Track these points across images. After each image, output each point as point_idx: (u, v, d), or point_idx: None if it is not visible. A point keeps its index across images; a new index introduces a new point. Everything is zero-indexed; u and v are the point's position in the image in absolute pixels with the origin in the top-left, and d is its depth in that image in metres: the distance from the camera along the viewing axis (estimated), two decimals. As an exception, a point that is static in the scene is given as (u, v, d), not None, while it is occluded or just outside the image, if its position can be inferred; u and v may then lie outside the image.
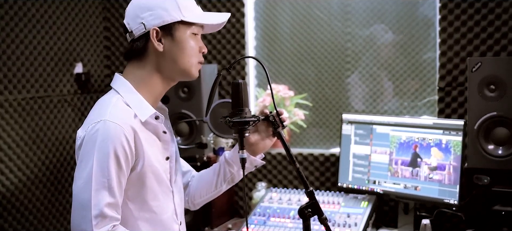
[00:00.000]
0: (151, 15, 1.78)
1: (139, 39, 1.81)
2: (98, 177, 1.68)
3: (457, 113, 2.86)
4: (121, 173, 1.72)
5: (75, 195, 1.71)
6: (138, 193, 1.81)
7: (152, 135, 1.85)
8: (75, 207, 1.71)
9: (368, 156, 2.84)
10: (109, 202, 1.69)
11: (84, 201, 1.68)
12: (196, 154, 2.97)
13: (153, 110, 1.83)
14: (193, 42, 1.85)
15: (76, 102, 3.22)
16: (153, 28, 1.79)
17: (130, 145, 1.73)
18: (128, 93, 1.81)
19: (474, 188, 2.46)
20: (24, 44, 2.88)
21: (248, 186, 3.26)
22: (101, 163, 1.69)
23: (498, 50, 2.74)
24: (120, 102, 1.79)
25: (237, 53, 3.27)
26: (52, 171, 3.06)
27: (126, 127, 1.73)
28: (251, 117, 1.79)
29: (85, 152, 1.72)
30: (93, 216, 1.66)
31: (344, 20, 3.29)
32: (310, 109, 3.35)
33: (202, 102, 2.96)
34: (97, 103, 1.84)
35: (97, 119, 1.73)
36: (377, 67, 3.23)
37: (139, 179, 1.79)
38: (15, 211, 2.84)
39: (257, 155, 2.01)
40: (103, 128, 1.70)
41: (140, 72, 1.84)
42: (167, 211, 1.90)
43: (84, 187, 1.69)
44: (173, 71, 1.85)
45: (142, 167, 1.78)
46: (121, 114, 1.75)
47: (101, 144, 1.69)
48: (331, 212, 2.69)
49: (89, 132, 1.72)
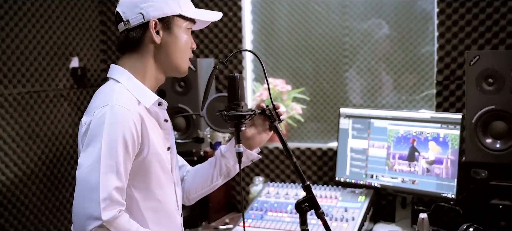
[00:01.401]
0: (151, 6, 1.78)
1: (135, 29, 1.80)
2: (107, 160, 1.65)
3: (455, 107, 2.85)
4: (128, 158, 1.70)
5: (82, 178, 1.65)
6: (143, 181, 1.79)
7: (155, 122, 1.84)
8: (80, 191, 1.65)
9: (366, 150, 2.83)
10: (117, 186, 1.66)
11: (92, 184, 1.63)
12: (193, 149, 2.96)
13: (156, 96, 1.83)
14: (187, 37, 1.87)
15: (72, 97, 3.21)
16: (153, 20, 1.79)
17: (137, 130, 1.72)
18: (128, 81, 1.80)
19: (472, 182, 2.46)
20: (19, 39, 2.86)
21: (245, 181, 3.25)
22: (110, 146, 1.66)
23: (496, 44, 2.73)
24: (123, 90, 1.77)
25: (234, 47, 3.25)
26: (49, 166, 3.05)
27: (134, 112, 1.72)
28: (247, 110, 1.78)
29: (92, 135, 1.68)
30: (102, 199, 1.61)
31: (342, 14, 3.27)
32: (308, 104, 3.34)
33: (199, 96, 2.95)
34: (98, 92, 1.81)
35: (104, 103, 1.70)
36: (375, 61, 3.22)
37: (144, 166, 1.78)
38: (11, 207, 2.83)
39: (253, 149, 2.01)
40: (111, 111, 1.68)
41: (136, 63, 1.83)
42: (170, 201, 1.90)
43: (91, 170, 1.64)
44: (166, 65, 1.85)
45: (148, 154, 1.77)
46: (127, 100, 1.74)
47: (109, 127, 1.66)
48: (329, 206, 2.68)
49: (95, 116, 1.69)
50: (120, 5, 1.83)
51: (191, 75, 2.94)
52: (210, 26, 3.27)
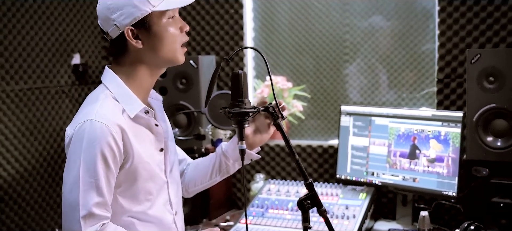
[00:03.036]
0: (122, 15, 1.73)
1: (116, 40, 1.78)
2: (85, 178, 1.67)
3: (456, 105, 2.85)
4: (110, 172, 1.71)
5: (64, 196, 1.71)
6: (129, 189, 1.80)
7: (143, 128, 1.83)
8: (64, 208, 1.71)
9: (367, 147, 2.84)
10: (97, 202, 1.68)
11: (72, 202, 1.68)
12: (194, 146, 2.97)
13: (142, 105, 1.80)
14: (172, 27, 1.80)
15: (74, 94, 3.21)
16: (127, 28, 1.74)
17: (117, 143, 1.71)
18: (117, 88, 1.79)
19: (473, 180, 2.46)
20: (21, 35, 2.86)
21: (246, 178, 3.25)
22: (88, 164, 1.68)
23: (497, 42, 2.74)
24: (109, 99, 1.77)
25: (235, 45, 3.25)
26: (49, 162, 3.05)
27: (113, 126, 1.71)
28: (250, 108, 1.78)
29: (72, 152, 1.71)
30: (81, 216, 1.66)
31: (343, 11, 3.27)
32: (309, 101, 3.34)
33: (200, 93, 2.95)
34: (86, 100, 1.82)
35: (84, 118, 1.71)
36: (375, 59, 3.22)
37: (129, 175, 1.78)
38: (12, 202, 2.83)
39: (253, 148, 2.01)
40: (90, 128, 1.69)
41: (126, 68, 1.82)
42: (159, 203, 1.89)
43: (71, 188, 1.68)
44: (157, 62, 1.83)
45: (132, 164, 1.77)
46: (109, 112, 1.73)
47: (87, 145, 1.68)
48: (329, 204, 2.69)
49: (76, 132, 1.71)
50: (98, 18, 1.80)
51: (192, 72, 2.94)
52: (212, 24, 3.27)
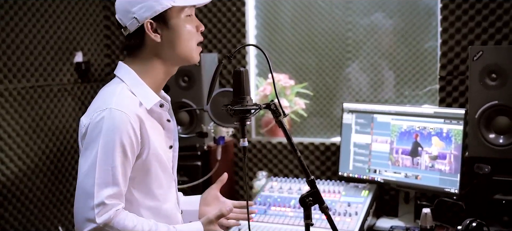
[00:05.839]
0: (142, 8, 1.74)
1: (135, 34, 1.79)
2: (102, 166, 1.67)
3: (458, 102, 2.85)
4: (127, 161, 1.72)
5: (79, 183, 1.70)
6: (143, 180, 1.81)
7: (156, 123, 1.85)
8: (78, 194, 1.70)
9: (369, 145, 2.84)
10: (112, 193, 1.68)
11: (87, 190, 1.67)
12: (196, 143, 2.97)
13: (158, 98, 1.82)
14: (189, 25, 1.82)
15: (76, 92, 3.21)
16: (147, 21, 1.76)
17: (136, 133, 1.72)
18: (132, 81, 1.80)
19: (475, 177, 2.47)
20: (24, 33, 2.87)
21: (248, 175, 3.26)
22: (106, 151, 1.68)
23: (500, 39, 2.74)
24: (126, 91, 1.78)
25: (238, 42, 3.25)
26: (53, 160, 3.06)
27: (132, 115, 1.72)
28: (252, 105, 1.78)
29: (90, 140, 1.70)
30: (96, 204, 1.66)
31: (345, 9, 3.27)
32: (311, 99, 3.35)
33: (203, 91, 2.95)
34: (102, 92, 1.82)
35: (103, 106, 1.71)
36: (378, 56, 3.22)
37: (144, 166, 1.79)
38: (15, 200, 2.84)
39: (201, 218, 1.98)
40: (109, 116, 1.69)
41: (142, 63, 1.83)
42: (170, 199, 1.91)
43: (87, 176, 1.68)
44: (173, 58, 1.84)
45: (148, 155, 1.78)
46: (127, 102, 1.74)
47: (106, 132, 1.68)
48: (332, 201, 2.69)
49: (93, 120, 1.71)
50: (117, 12, 1.81)
51: (194, 70, 2.94)
52: (214, 21, 3.27)
